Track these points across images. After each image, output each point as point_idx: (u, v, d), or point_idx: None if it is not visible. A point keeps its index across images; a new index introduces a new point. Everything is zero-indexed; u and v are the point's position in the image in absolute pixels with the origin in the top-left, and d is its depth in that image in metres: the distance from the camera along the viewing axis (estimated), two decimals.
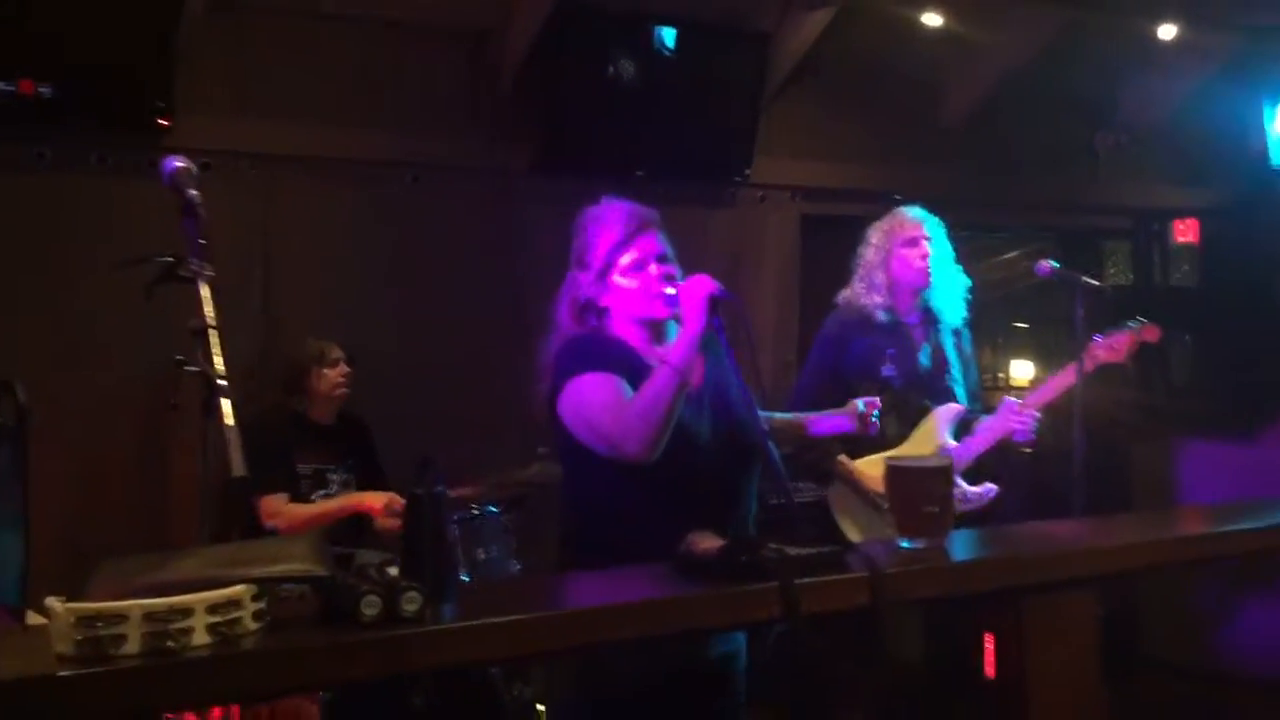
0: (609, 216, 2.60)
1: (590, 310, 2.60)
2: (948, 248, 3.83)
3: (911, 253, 3.74)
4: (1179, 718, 5.04)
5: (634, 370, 2.46)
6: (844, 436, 3.71)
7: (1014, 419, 3.66)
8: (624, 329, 2.58)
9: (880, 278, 3.75)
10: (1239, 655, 5.35)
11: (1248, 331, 6.68)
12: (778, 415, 3.00)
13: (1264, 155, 5.49)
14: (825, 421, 2.98)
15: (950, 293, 3.81)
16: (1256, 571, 5.22)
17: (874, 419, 2.93)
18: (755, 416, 2.48)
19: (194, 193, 2.16)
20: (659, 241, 2.59)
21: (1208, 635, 5.53)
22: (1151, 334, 3.77)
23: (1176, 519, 3.08)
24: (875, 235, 3.83)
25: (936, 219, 3.84)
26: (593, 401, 2.45)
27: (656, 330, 2.57)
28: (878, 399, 3.02)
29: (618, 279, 2.56)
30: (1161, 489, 5.73)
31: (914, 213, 3.83)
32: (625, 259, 2.55)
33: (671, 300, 2.51)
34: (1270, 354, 6.60)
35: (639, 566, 2.06)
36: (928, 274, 3.75)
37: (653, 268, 2.54)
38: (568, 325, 2.62)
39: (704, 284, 2.45)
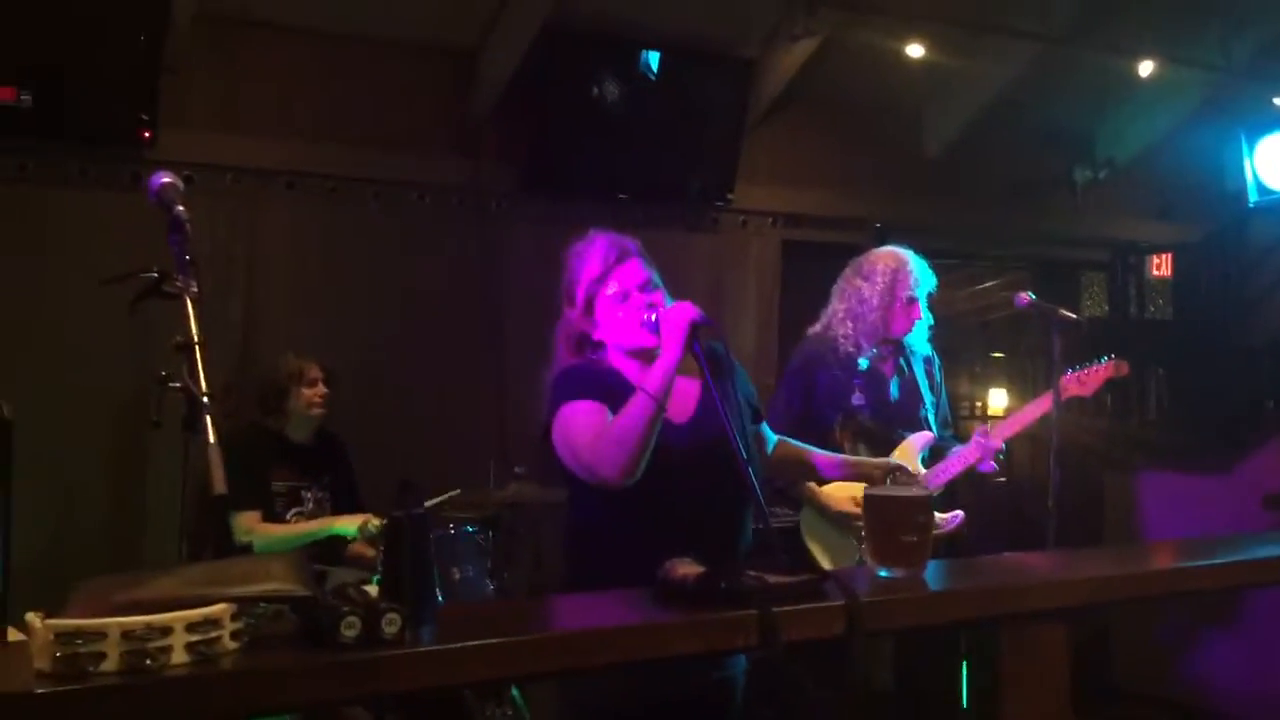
0: (589, 251, 2.62)
1: (585, 344, 2.63)
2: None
3: (911, 310, 3.78)
4: None
5: (624, 400, 2.47)
6: None
7: (980, 448, 3.71)
8: (618, 360, 2.60)
9: (875, 324, 3.77)
10: (1207, 688, 5.38)
11: (1219, 366, 6.75)
12: (793, 443, 3.01)
13: (1241, 193, 5.55)
14: (835, 469, 3.00)
15: (921, 327, 3.85)
16: (1227, 605, 5.26)
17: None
18: (738, 443, 2.48)
19: (181, 209, 2.16)
20: (641, 270, 2.59)
21: (1177, 667, 5.56)
22: (1120, 370, 3.83)
23: (1149, 553, 3.11)
24: (879, 281, 3.77)
25: (925, 263, 3.87)
26: (576, 429, 2.48)
27: (649, 359, 2.57)
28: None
29: (603, 312, 2.57)
30: (1133, 520, 5.77)
31: (918, 268, 3.80)
32: (608, 291, 2.57)
33: (653, 327, 2.52)
34: (1241, 388, 6.67)
35: (619, 591, 2.06)
36: (910, 331, 3.79)
37: (635, 298, 2.55)
38: (565, 359, 2.65)
39: (685, 311, 2.46)
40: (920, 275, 3.79)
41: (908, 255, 3.85)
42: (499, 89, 5.23)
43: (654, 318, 2.52)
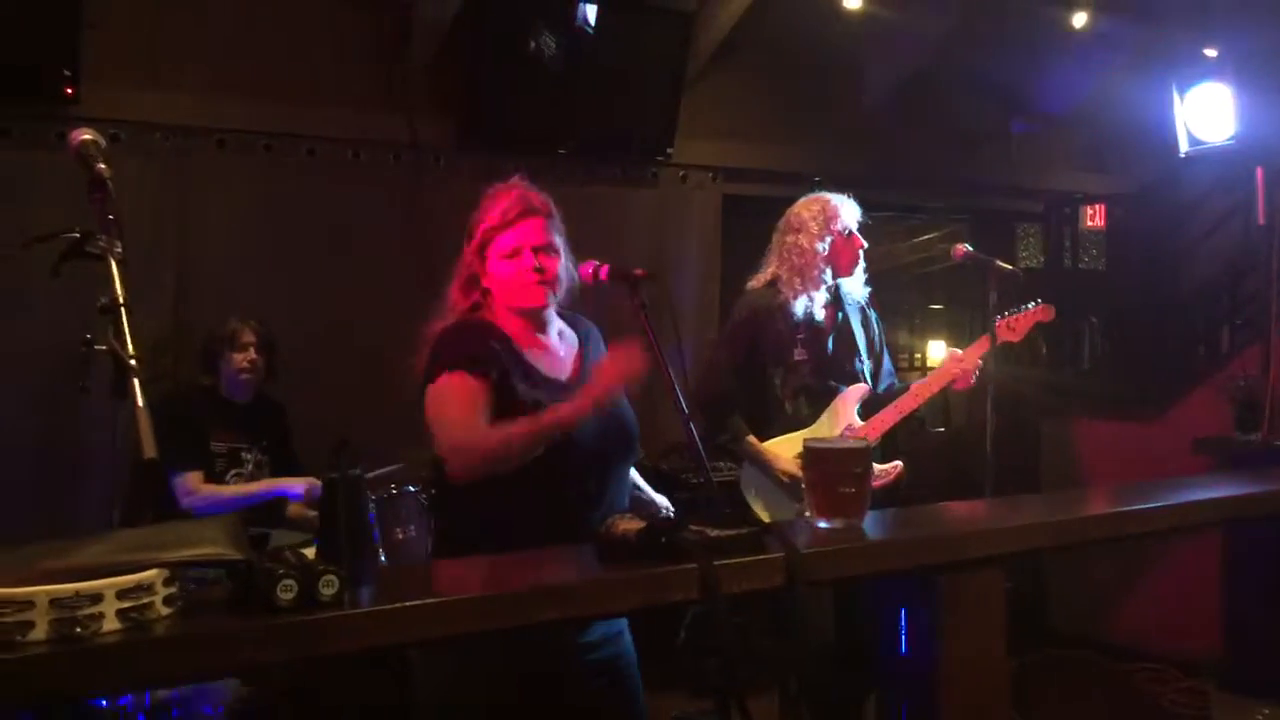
0: (499, 196, 2.59)
1: (475, 286, 2.59)
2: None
3: (851, 242, 3.80)
4: (1080, 690, 5.19)
5: (507, 364, 2.45)
6: (753, 418, 3.79)
7: (956, 367, 3.78)
8: (503, 315, 2.56)
9: (821, 267, 3.78)
10: (1138, 630, 5.53)
11: (1151, 314, 6.87)
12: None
13: (1172, 143, 5.62)
14: None
15: (857, 278, 3.87)
16: (1158, 549, 5.39)
17: None
18: (679, 396, 2.48)
19: (102, 166, 2.10)
20: (543, 231, 2.55)
21: (1110, 610, 5.70)
22: (1046, 314, 3.90)
23: (1082, 499, 3.17)
24: (813, 228, 3.77)
25: (845, 196, 3.89)
26: (446, 406, 2.44)
27: (535, 318, 2.56)
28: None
29: (493, 263, 2.55)
30: (1069, 467, 5.88)
31: (841, 203, 3.82)
32: (502, 242, 2.54)
33: (546, 288, 2.52)
34: (1172, 336, 6.80)
35: (561, 547, 2.06)
36: (857, 264, 3.81)
37: (525, 257, 2.52)
38: (455, 299, 2.60)
39: (620, 368, 2.39)
40: (846, 209, 3.82)
41: (827, 195, 3.87)
42: (434, 43, 5.15)
43: (590, 271, 2.51)
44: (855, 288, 3.88)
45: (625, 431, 2.56)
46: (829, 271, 3.79)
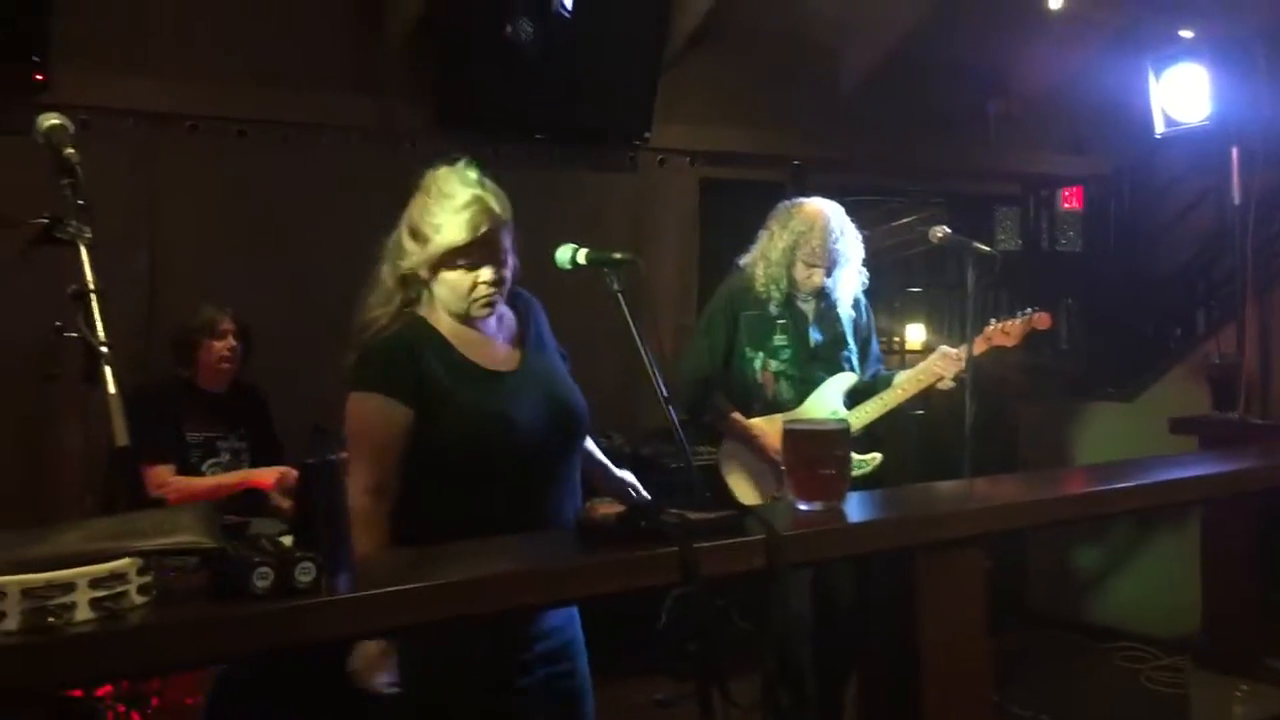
0: (462, 205, 2.43)
1: (413, 282, 2.49)
2: (851, 234, 3.82)
3: (810, 271, 3.75)
4: (1060, 669, 5.23)
5: (436, 373, 2.37)
6: (734, 401, 3.78)
7: (943, 363, 3.78)
8: (439, 312, 2.47)
9: (781, 275, 3.77)
10: (1118, 610, 5.56)
11: (1128, 295, 6.91)
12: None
13: (1147, 125, 5.63)
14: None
15: (848, 277, 3.84)
16: (1138, 529, 5.42)
17: None
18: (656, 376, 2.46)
19: (70, 151, 2.07)
20: (504, 243, 2.42)
21: (1090, 590, 5.73)
22: (1043, 322, 3.90)
23: (1060, 479, 3.18)
24: (782, 237, 3.75)
25: (841, 211, 3.82)
26: (353, 440, 2.26)
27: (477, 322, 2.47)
28: None
29: (448, 273, 2.43)
30: (1048, 449, 5.90)
31: (822, 230, 3.72)
32: (460, 259, 2.40)
33: (494, 307, 2.44)
34: (1148, 317, 6.84)
35: (539, 533, 2.06)
36: (811, 288, 3.79)
37: (483, 273, 2.40)
38: (391, 289, 2.51)
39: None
40: (824, 238, 3.72)
41: (817, 212, 3.78)
42: (409, 26, 5.11)
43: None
44: (846, 290, 3.85)
45: (568, 419, 2.48)
46: (786, 282, 3.77)
